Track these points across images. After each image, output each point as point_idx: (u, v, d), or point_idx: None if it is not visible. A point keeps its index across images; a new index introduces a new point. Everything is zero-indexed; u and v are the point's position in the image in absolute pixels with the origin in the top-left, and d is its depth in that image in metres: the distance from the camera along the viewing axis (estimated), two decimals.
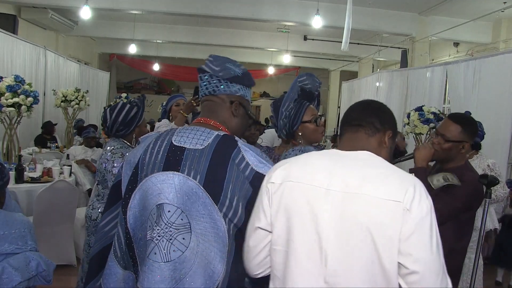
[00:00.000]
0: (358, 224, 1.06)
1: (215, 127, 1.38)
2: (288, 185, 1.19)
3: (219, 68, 1.42)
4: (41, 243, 2.58)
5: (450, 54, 10.15)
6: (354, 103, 1.35)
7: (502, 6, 7.35)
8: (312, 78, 2.22)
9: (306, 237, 1.13)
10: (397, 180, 1.10)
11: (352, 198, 1.09)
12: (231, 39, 11.44)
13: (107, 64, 15.18)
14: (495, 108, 5.13)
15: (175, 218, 1.22)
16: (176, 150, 1.29)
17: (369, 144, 1.24)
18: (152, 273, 1.19)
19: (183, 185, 1.24)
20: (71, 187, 4.01)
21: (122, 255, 1.33)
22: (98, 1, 7.75)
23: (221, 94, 1.41)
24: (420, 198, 1.06)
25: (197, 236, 1.22)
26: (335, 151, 1.24)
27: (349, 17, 5.61)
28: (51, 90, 7.61)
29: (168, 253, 1.20)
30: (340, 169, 1.15)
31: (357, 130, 1.26)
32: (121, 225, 1.34)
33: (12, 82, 4.44)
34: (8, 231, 1.93)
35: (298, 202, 1.16)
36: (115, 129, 2.50)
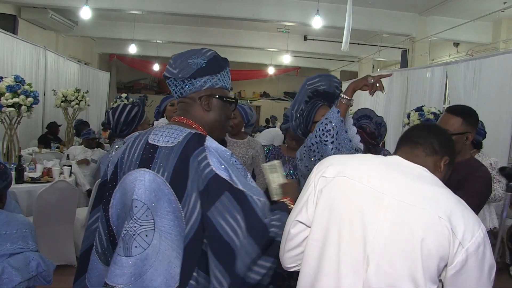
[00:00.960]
0: (411, 236, 1.04)
1: (189, 125, 1.38)
2: (341, 180, 1.17)
3: (178, 69, 1.39)
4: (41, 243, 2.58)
5: (450, 54, 10.15)
6: (417, 124, 1.36)
7: (502, 6, 7.35)
8: (329, 79, 2.18)
9: (350, 237, 1.10)
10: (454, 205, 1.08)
11: (408, 209, 1.06)
12: (231, 39, 11.45)
13: (107, 64, 15.19)
14: (495, 108, 5.13)
15: (141, 214, 1.24)
16: (149, 148, 1.31)
17: (426, 163, 1.21)
18: (115, 265, 1.22)
19: (152, 182, 1.26)
20: (71, 187, 4.01)
21: (103, 250, 1.35)
22: (98, 1, 7.75)
23: (189, 94, 1.40)
24: (472, 230, 1.04)
25: (160, 233, 1.23)
26: (393, 158, 1.23)
27: (349, 17, 5.61)
28: (51, 90, 7.61)
29: (130, 248, 1.22)
30: (396, 176, 1.14)
31: (415, 146, 1.24)
32: (101, 222, 1.36)
33: (12, 82, 4.44)
34: (10, 231, 1.93)
35: (348, 199, 1.13)
36: (119, 130, 2.61)
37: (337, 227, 1.12)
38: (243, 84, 16.85)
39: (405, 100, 7.80)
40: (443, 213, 1.03)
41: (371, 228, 1.07)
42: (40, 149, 6.23)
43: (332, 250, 1.12)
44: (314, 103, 2.13)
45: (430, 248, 1.02)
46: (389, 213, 1.07)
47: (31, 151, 6.01)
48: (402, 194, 1.08)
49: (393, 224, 1.06)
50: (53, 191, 3.78)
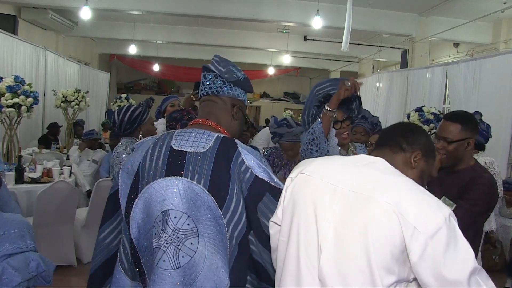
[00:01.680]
0: (359, 224, 1.05)
1: (214, 128, 1.36)
2: (301, 177, 1.21)
3: (225, 69, 1.40)
4: (41, 243, 2.58)
5: (450, 55, 10.15)
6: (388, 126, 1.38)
7: (502, 6, 7.36)
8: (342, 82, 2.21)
9: (306, 230, 1.13)
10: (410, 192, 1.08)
11: (356, 198, 1.08)
12: (231, 40, 11.45)
13: (107, 65, 15.19)
14: (495, 108, 5.13)
15: (182, 223, 1.20)
16: (177, 155, 1.26)
17: (394, 161, 1.22)
18: (163, 281, 1.17)
19: (187, 190, 1.22)
20: (71, 188, 4.00)
21: (129, 265, 1.30)
22: (98, 2, 7.75)
23: (224, 96, 1.40)
24: (428, 214, 1.03)
25: (205, 240, 1.20)
26: (356, 156, 1.27)
27: (349, 18, 5.61)
28: (51, 91, 7.61)
29: (177, 260, 1.19)
30: (352, 170, 1.16)
31: (382, 148, 1.27)
32: (126, 236, 1.31)
33: (12, 83, 4.45)
34: (8, 231, 1.93)
35: (304, 194, 1.17)
36: (123, 128, 2.76)
37: (297, 222, 1.16)
38: None
39: (405, 100, 7.81)
40: (391, 199, 1.04)
41: (322, 219, 1.10)
42: (40, 149, 6.23)
43: (293, 244, 1.15)
44: (323, 107, 2.18)
45: (378, 235, 1.02)
46: (339, 203, 1.10)
47: (31, 151, 6.01)
48: (353, 185, 1.11)
49: (342, 214, 1.09)
50: (53, 191, 3.78)
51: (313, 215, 1.12)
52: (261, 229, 1.24)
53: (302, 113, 2.28)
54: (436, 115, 5.16)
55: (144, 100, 3.01)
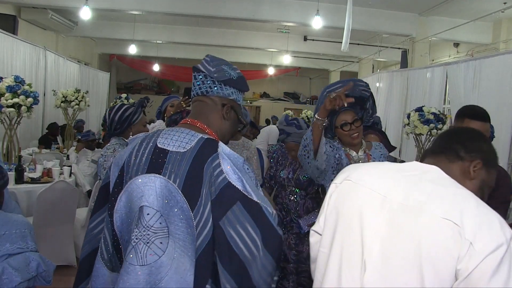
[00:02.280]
0: (409, 241, 0.95)
1: (201, 129, 1.35)
2: (346, 184, 1.13)
3: (214, 69, 1.39)
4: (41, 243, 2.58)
5: (450, 55, 10.15)
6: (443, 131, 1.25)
7: (502, 6, 7.35)
8: (354, 83, 2.22)
9: (350, 242, 1.05)
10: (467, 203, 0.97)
11: (407, 211, 0.98)
12: (231, 40, 11.45)
13: (107, 65, 15.19)
14: (495, 108, 5.12)
15: (154, 221, 1.20)
16: (159, 153, 1.27)
17: (450, 171, 1.10)
18: (128, 275, 1.17)
19: (163, 188, 1.22)
20: (71, 188, 4.00)
21: (109, 257, 1.31)
22: (98, 2, 7.75)
23: (214, 96, 1.39)
24: (490, 230, 0.91)
25: (175, 241, 1.19)
26: (408, 163, 1.15)
27: (349, 18, 5.61)
28: (51, 91, 7.61)
29: (144, 257, 1.18)
30: (404, 179, 1.06)
31: (438, 155, 1.15)
32: (107, 227, 1.32)
33: (12, 83, 4.44)
34: (9, 231, 1.93)
35: (350, 203, 1.09)
36: (113, 128, 2.69)
37: (340, 233, 1.08)
38: None
39: (405, 100, 7.81)
40: (445, 211, 0.94)
41: (368, 233, 1.02)
42: (40, 149, 6.23)
43: (335, 258, 1.08)
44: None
45: (432, 251, 0.93)
46: (387, 216, 1.01)
47: (31, 151, 6.01)
48: (403, 197, 1.01)
49: (390, 228, 1.00)
50: (53, 191, 3.78)
51: (358, 227, 1.04)
52: (222, 239, 1.17)
53: (313, 114, 2.33)
54: (436, 115, 5.16)
55: (139, 100, 2.92)
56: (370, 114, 2.41)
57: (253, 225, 1.18)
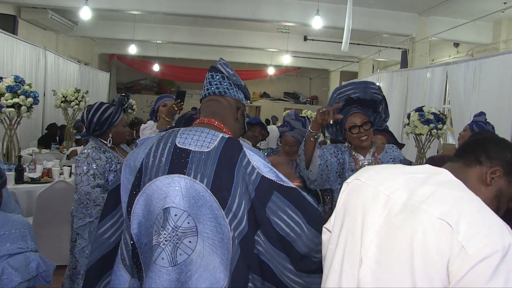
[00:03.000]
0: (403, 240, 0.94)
1: (219, 128, 1.36)
2: (356, 183, 1.13)
3: (232, 72, 1.43)
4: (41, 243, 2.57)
5: (450, 55, 10.16)
6: None
7: (502, 6, 7.36)
8: (364, 85, 2.25)
9: (352, 239, 1.05)
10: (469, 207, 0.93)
11: (408, 211, 0.96)
12: (231, 40, 11.45)
13: (107, 65, 15.20)
14: (495, 108, 5.12)
15: (182, 221, 1.20)
16: (181, 153, 1.26)
17: (465, 176, 1.07)
18: (160, 278, 1.17)
19: (189, 188, 1.21)
20: (71, 188, 3.99)
21: (130, 263, 1.30)
22: (98, 2, 7.75)
23: (230, 98, 1.42)
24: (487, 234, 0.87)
25: (204, 239, 1.20)
26: (420, 166, 1.12)
27: (349, 18, 5.62)
28: (51, 91, 7.61)
29: (174, 257, 1.18)
30: (411, 181, 1.04)
31: (457, 160, 1.13)
32: (127, 232, 1.30)
33: (12, 83, 4.45)
34: (9, 231, 1.93)
35: (356, 201, 1.09)
36: (92, 129, 2.49)
37: (346, 230, 1.08)
38: None
39: (405, 100, 7.81)
40: (442, 212, 0.91)
41: (368, 229, 1.02)
42: (40, 149, 6.23)
43: (339, 253, 1.08)
44: (347, 111, 2.26)
45: (425, 252, 0.91)
46: (388, 216, 1.00)
47: (31, 151, 6.01)
48: (407, 197, 0.99)
49: (388, 226, 0.99)
50: (53, 191, 3.78)
51: (360, 224, 1.04)
52: (270, 228, 1.23)
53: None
54: (436, 115, 5.16)
55: (118, 98, 2.69)
56: (383, 118, 2.38)
57: (293, 209, 1.24)
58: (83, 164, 2.38)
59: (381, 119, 2.38)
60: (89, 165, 2.37)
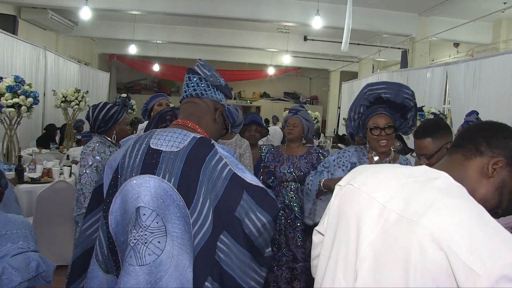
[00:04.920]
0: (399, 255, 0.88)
1: (193, 129, 1.37)
2: (349, 188, 1.07)
3: (210, 73, 1.43)
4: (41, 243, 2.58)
5: (450, 55, 10.16)
6: None
7: (502, 6, 7.36)
8: (397, 88, 2.16)
9: (346, 250, 1.00)
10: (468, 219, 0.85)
11: (405, 223, 0.89)
12: (231, 40, 11.46)
13: (107, 65, 15.20)
14: (495, 108, 5.13)
15: (150, 221, 1.21)
16: (153, 153, 1.28)
17: (464, 170, 1.01)
18: (128, 276, 1.18)
19: (158, 188, 1.23)
20: (71, 188, 4.00)
21: (104, 259, 1.32)
22: (98, 2, 7.75)
23: (207, 99, 1.43)
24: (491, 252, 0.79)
25: (173, 239, 1.21)
26: (417, 168, 1.04)
27: (349, 18, 5.62)
28: (51, 91, 7.61)
29: (143, 257, 1.19)
30: (406, 187, 0.96)
31: (456, 150, 1.05)
32: (102, 230, 1.33)
33: (12, 83, 4.45)
34: (10, 231, 1.93)
35: (349, 208, 1.03)
36: (97, 126, 2.64)
37: (339, 239, 1.03)
38: (243, 84, 16.87)
39: None
40: (439, 226, 0.84)
41: (363, 241, 0.95)
42: (40, 149, 6.23)
43: (332, 262, 1.04)
44: (374, 109, 2.17)
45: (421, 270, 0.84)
46: (384, 227, 0.93)
47: (31, 151, 6.01)
48: (402, 207, 0.92)
49: (384, 239, 0.92)
50: (53, 191, 3.78)
51: (355, 234, 0.98)
52: (239, 228, 1.22)
53: (349, 109, 2.26)
54: (436, 115, 5.17)
55: (120, 98, 2.83)
56: (409, 125, 2.26)
57: (260, 210, 1.24)
58: (89, 156, 2.49)
59: (407, 126, 2.26)
60: (94, 158, 2.49)
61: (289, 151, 3.12)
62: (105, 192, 1.34)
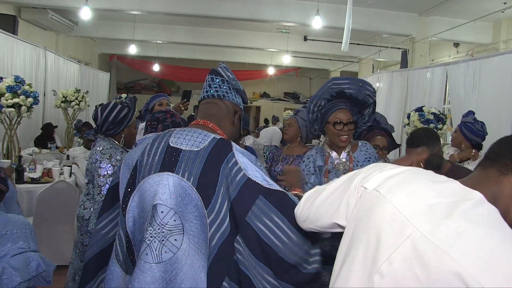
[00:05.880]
0: (423, 281, 0.81)
1: (213, 130, 1.38)
2: (374, 194, 0.99)
3: (232, 76, 1.46)
4: (41, 243, 2.58)
5: (450, 55, 10.15)
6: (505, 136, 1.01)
7: (502, 6, 7.36)
8: (360, 84, 2.16)
9: (363, 260, 0.94)
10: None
11: (430, 248, 0.82)
12: (231, 40, 11.45)
13: (107, 65, 15.19)
14: (495, 108, 5.13)
15: (168, 219, 1.21)
16: (172, 152, 1.28)
17: (499, 187, 0.92)
18: (143, 274, 1.18)
19: (177, 186, 1.23)
20: (71, 188, 4.00)
21: (124, 258, 1.31)
22: (98, 2, 7.75)
23: (228, 101, 1.44)
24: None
25: (189, 238, 1.21)
26: (448, 183, 0.96)
27: (349, 18, 5.62)
28: (51, 91, 7.61)
29: (159, 254, 1.19)
30: (438, 207, 0.88)
31: (490, 164, 0.95)
32: (122, 228, 1.32)
33: (12, 83, 4.45)
34: (10, 231, 1.94)
35: (371, 216, 0.96)
36: (105, 128, 2.50)
37: (356, 244, 0.97)
38: (243, 84, 16.60)
39: (405, 100, 7.80)
40: (471, 262, 0.77)
41: (383, 256, 0.89)
42: (40, 149, 6.24)
43: (346, 268, 0.98)
44: (335, 103, 2.16)
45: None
46: (407, 246, 0.86)
47: (31, 151, 6.01)
48: (430, 229, 0.85)
49: (407, 259, 0.85)
50: (53, 191, 3.78)
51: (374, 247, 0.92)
52: (251, 233, 1.18)
53: (309, 101, 2.24)
54: (436, 115, 5.17)
55: (128, 99, 2.70)
56: (365, 121, 2.29)
57: (279, 215, 1.19)
58: (108, 165, 2.37)
59: (362, 121, 2.28)
60: (113, 167, 2.36)
61: (288, 151, 3.16)
62: (123, 191, 1.33)
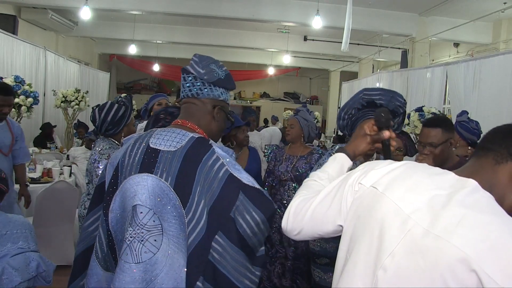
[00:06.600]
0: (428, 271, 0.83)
1: (192, 129, 1.38)
2: (372, 192, 1.00)
3: (204, 70, 1.40)
4: (41, 243, 2.58)
5: (450, 55, 10.15)
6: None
7: (502, 6, 7.36)
8: (391, 95, 2.17)
9: (365, 257, 0.95)
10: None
11: (431, 239, 0.84)
12: (231, 40, 11.46)
13: (107, 65, 15.20)
14: (495, 108, 5.13)
15: (147, 219, 1.22)
16: (151, 152, 1.29)
17: (494, 175, 0.93)
18: (123, 273, 1.19)
19: (155, 187, 1.24)
20: (71, 188, 4.00)
21: (103, 256, 1.33)
22: (98, 2, 7.75)
23: (204, 98, 1.41)
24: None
25: (169, 238, 1.22)
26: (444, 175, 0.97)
27: (349, 18, 5.62)
28: (51, 91, 7.61)
29: (139, 254, 1.20)
30: (433, 198, 0.90)
31: (485, 154, 0.96)
32: (102, 227, 1.34)
33: (12, 83, 4.45)
34: (10, 231, 1.94)
35: (373, 214, 0.96)
36: (104, 129, 2.51)
37: (358, 243, 0.98)
38: (243, 84, 16.86)
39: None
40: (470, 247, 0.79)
41: (385, 252, 0.90)
42: (40, 149, 6.23)
43: (350, 266, 0.98)
44: (365, 112, 2.19)
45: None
46: (409, 240, 0.87)
47: (31, 151, 6.00)
48: (430, 221, 0.86)
49: (409, 252, 0.87)
50: (53, 191, 3.78)
51: (376, 243, 0.93)
52: (234, 229, 1.22)
53: (341, 109, 2.28)
54: (436, 115, 5.16)
55: (124, 98, 2.68)
56: (394, 129, 2.24)
57: (255, 210, 1.23)
58: (96, 156, 2.39)
59: (393, 129, 2.32)
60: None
61: (290, 151, 3.17)
62: (106, 190, 1.35)
